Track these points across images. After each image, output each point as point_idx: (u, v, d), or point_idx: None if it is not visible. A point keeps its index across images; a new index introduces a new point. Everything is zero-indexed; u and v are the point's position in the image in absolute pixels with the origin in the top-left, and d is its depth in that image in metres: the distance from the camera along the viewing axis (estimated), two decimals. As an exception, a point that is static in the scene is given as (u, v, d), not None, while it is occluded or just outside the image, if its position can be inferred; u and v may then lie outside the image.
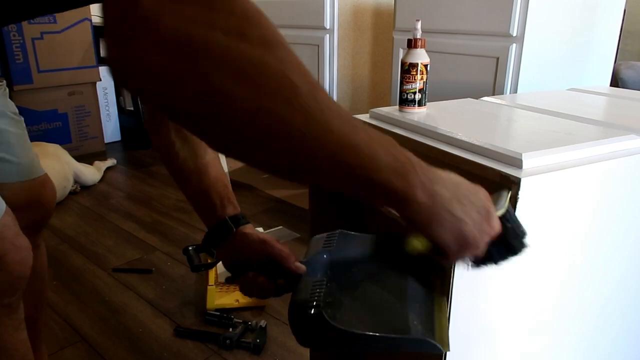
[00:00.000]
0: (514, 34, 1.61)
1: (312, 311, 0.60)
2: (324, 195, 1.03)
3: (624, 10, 1.93)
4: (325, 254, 0.70)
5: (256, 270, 0.72)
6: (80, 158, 2.81)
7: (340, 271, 0.68)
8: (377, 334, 0.57)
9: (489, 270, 0.60)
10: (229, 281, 0.76)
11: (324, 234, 0.74)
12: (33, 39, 2.91)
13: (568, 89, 1.38)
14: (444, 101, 1.12)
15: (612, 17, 1.87)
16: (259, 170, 0.45)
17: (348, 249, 0.71)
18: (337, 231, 0.73)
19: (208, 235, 0.78)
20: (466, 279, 0.68)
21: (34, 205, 1.04)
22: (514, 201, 0.68)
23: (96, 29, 3.21)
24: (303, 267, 0.70)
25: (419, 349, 0.57)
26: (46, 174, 1.09)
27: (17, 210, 0.83)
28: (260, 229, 2.07)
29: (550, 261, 0.77)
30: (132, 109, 3.41)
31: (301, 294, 0.64)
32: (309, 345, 0.64)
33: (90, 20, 3.10)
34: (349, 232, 0.73)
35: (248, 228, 0.76)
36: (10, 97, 1.10)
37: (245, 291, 0.73)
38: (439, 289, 0.65)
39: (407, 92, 0.96)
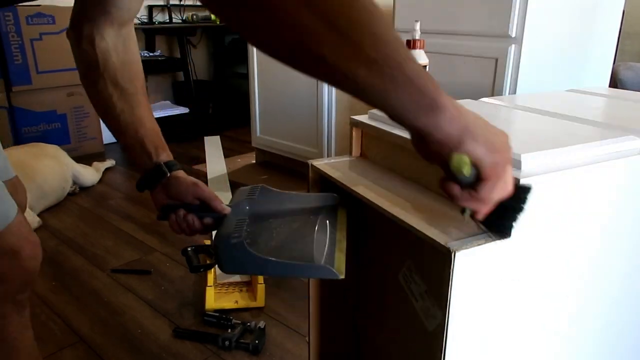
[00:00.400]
0: (513, 35, 1.62)
1: (234, 241, 0.72)
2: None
3: (623, 12, 1.93)
4: (248, 202, 0.82)
5: (186, 209, 0.81)
6: (79, 159, 2.80)
7: (260, 215, 0.80)
8: (287, 261, 0.69)
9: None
10: (160, 218, 0.85)
11: (248, 187, 0.86)
12: (32, 40, 2.91)
13: (567, 90, 1.38)
14: (443, 102, 1.11)
15: (611, 18, 1.87)
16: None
17: (269, 201, 0.83)
18: (260, 185, 0.85)
19: (143, 179, 0.84)
20: (465, 284, 0.68)
21: None
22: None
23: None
24: (228, 208, 0.81)
25: (319, 275, 0.69)
26: (17, 177, 1.09)
27: None
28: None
29: (549, 263, 0.77)
30: (131, 109, 3.40)
31: (225, 228, 0.76)
32: (232, 271, 0.75)
33: (89, 21, 3.09)
34: (270, 187, 0.85)
35: (180, 173, 0.84)
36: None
37: (174, 228, 0.82)
38: (341, 229, 0.78)
39: (406, 93, 0.96)
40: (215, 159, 3.14)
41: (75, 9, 0.81)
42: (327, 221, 0.77)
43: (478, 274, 0.69)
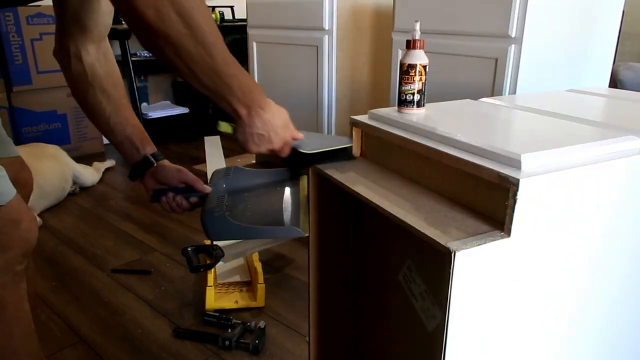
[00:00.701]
0: (513, 35, 1.62)
1: (217, 214, 0.87)
2: (323, 197, 1.03)
3: (623, 12, 1.93)
4: (224, 180, 0.98)
5: (174, 191, 0.96)
6: (79, 159, 2.81)
7: (236, 190, 0.95)
8: (262, 226, 0.86)
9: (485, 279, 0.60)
10: (152, 201, 1.01)
11: (223, 168, 1.03)
12: (32, 40, 2.91)
13: (567, 90, 1.38)
14: (443, 102, 1.12)
15: (611, 19, 1.87)
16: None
17: (242, 177, 0.99)
18: (233, 166, 1.02)
19: (133, 169, 1.00)
20: (465, 284, 0.68)
21: (15, 183, 1.09)
22: (512, 202, 0.68)
23: (95, 30, 3.19)
24: (209, 188, 0.96)
25: (289, 235, 0.85)
26: (20, 157, 1.15)
27: None
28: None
29: (549, 263, 0.77)
30: (131, 109, 3.41)
31: (209, 205, 0.91)
32: (217, 239, 0.90)
33: (90, 21, 3.09)
34: (242, 167, 1.02)
35: (165, 162, 1.00)
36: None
37: (166, 208, 0.98)
38: (302, 194, 0.94)
39: (406, 93, 0.96)
40: (215, 159, 3.14)
41: (57, 30, 0.95)
42: (290, 189, 0.94)
43: (478, 274, 0.69)
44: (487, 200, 0.74)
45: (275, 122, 0.85)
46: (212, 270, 1.69)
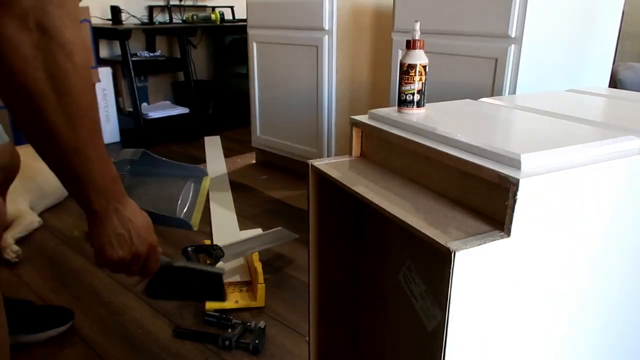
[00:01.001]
0: (513, 35, 1.62)
1: None
2: (323, 197, 1.03)
3: (623, 12, 1.93)
4: (130, 163, 0.97)
5: None
6: (79, 159, 2.80)
7: (138, 173, 0.95)
8: (154, 211, 0.86)
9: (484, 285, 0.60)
10: None
11: (132, 149, 1.05)
12: (32, 40, 2.90)
13: (566, 90, 1.38)
14: (443, 102, 1.12)
15: (611, 19, 1.87)
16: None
17: (149, 163, 0.97)
18: (142, 150, 1.03)
19: None
20: (465, 284, 0.68)
21: (5, 169, 1.09)
22: (512, 202, 0.68)
23: (95, 31, 3.20)
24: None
25: (179, 226, 0.86)
26: (10, 143, 1.13)
27: None
28: (259, 230, 2.07)
29: (549, 263, 0.77)
30: (131, 110, 3.41)
31: None
32: None
33: (90, 22, 3.10)
34: (151, 153, 1.02)
35: None
36: None
37: None
38: (202, 194, 0.91)
39: (406, 93, 0.96)
40: (215, 159, 3.14)
41: None
42: (192, 186, 0.97)
43: (478, 274, 0.69)
44: (487, 200, 0.74)
45: (136, 222, 0.74)
46: (212, 270, 1.69)
